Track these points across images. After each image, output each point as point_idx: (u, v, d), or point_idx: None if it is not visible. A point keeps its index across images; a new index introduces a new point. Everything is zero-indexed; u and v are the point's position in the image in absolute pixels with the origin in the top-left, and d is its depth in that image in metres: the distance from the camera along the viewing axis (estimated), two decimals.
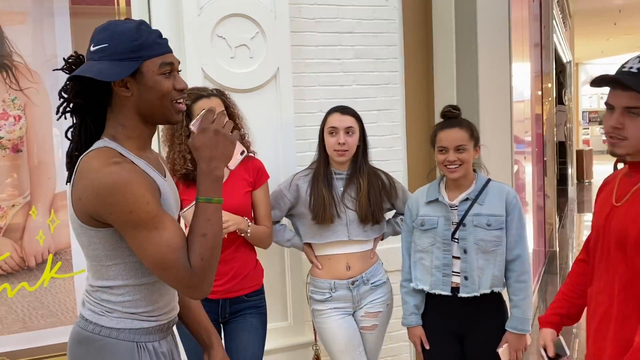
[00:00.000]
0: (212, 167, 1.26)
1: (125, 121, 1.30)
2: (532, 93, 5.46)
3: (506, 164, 2.83)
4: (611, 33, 12.49)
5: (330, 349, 2.27)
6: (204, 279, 1.23)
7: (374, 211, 2.23)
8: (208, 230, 1.23)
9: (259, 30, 2.45)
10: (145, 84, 1.26)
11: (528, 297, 2.06)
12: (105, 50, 1.23)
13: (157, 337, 1.36)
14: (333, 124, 2.21)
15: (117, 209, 1.19)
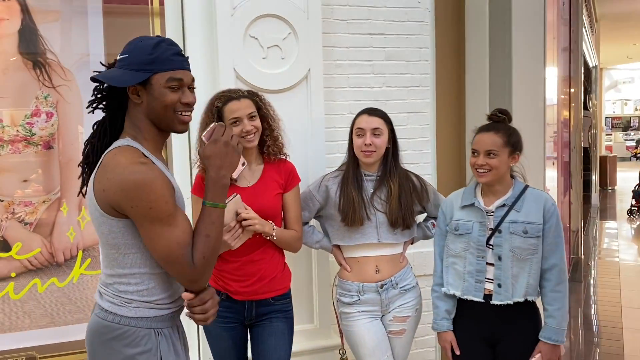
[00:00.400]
0: (220, 175, 1.42)
1: (140, 124, 1.45)
2: (559, 98, 5.38)
3: (538, 170, 2.78)
4: (637, 38, 12.29)
5: (357, 353, 2.25)
6: (204, 275, 1.39)
7: (404, 215, 2.21)
8: (212, 232, 1.39)
9: (291, 31, 2.44)
10: (152, 94, 1.41)
11: (564, 307, 2.02)
12: (125, 60, 1.41)
13: (170, 324, 1.48)
14: (360, 125, 2.20)
15: (139, 204, 1.32)
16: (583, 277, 6.11)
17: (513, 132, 2.05)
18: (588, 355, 4.09)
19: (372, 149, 2.17)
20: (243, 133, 2.04)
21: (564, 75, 5.78)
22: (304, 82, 2.48)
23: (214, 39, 2.35)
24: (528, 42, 2.80)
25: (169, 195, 1.36)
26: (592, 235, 8.31)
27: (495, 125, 2.04)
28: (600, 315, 4.98)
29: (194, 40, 2.38)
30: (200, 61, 2.37)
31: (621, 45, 13.45)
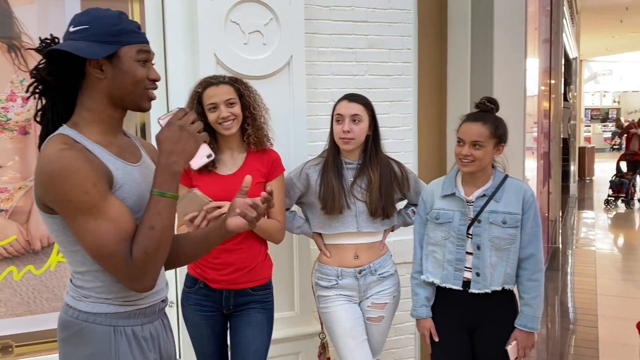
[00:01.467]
0: (170, 161, 1.27)
1: (92, 105, 1.31)
2: (540, 89, 5.43)
3: (518, 160, 2.81)
4: (617, 30, 12.43)
5: (333, 333, 2.25)
6: (145, 273, 1.23)
7: (385, 205, 2.21)
8: (157, 223, 1.24)
9: (273, 16, 2.41)
10: (120, 68, 1.28)
11: (539, 295, 2.05)
12: (86, 31, 1.25)
13: (138, 322, 1.36)
14: (339, 111, 2.18)
15: (57, 197, 1.20)
16: (560, 265, 6.22)
17: (500, 123, 2.05)
18: (564, 341, 4.17)
19: (350, 136, 2.15)
20: (220, 119, 2.02)
21: (544, 67, 5.83)
22: (286, 68, 2.46)
23: (194, 24, 2.31)
24: (509, 32, 2.82)
25: (91, 185, 1.19)
26: (570, 225, 8.46)
27: (483, 116, 2.04)
28: (577, 302, 5.08)
29: (174, 25, 2.34)
30: (180, 46, 2.34)
31: (601, 38, 13.60)
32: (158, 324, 1.42)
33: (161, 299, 1.43)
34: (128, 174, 1.33)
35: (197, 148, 1.31)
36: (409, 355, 3.02)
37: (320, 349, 2.39)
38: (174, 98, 2.31)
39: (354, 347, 2.20)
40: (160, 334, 1.42)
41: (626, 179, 9.62)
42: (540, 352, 3.96)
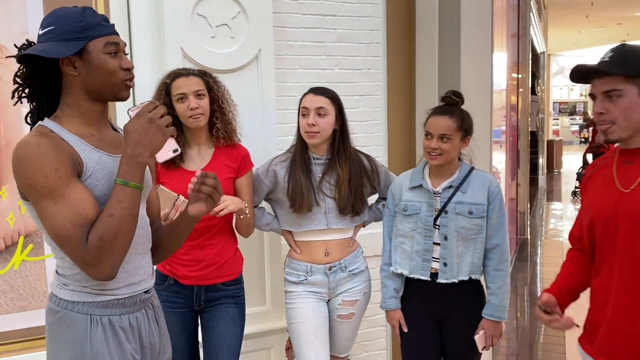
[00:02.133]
0: (136, 152, 1.30)
1: (71, 100, 1.36)
2: (508, 83, 5.52)
3: (485, 153, 2.85)
4: (583, 25, 12.70)
5: (297, 330, 2.21)
6: (103, 260, 1.26)
7: (354, 202, 2.19)
8: (116, 211, 1.27)
9: (240, 9, 2.39)
10: (92, 63, 1.33)
11: (505, 285, 2.09)
12: (52, 32, 1.30)
13: (117, 312, 1.38)
14: (304, 104, 2.16)
15: (23, 182, 1.25)
16: (529, 256, 6.35)
17: (466, 116, 2.08)
18: (533, 330, 4.26)
19: (315, 129, 2.12)
20: (188, 110, 2.00)
21: (512, 61, 5.92)
22: (255, 62, 2.44)
23: (160, 17, 2.28)
24: (476, 27, 2.85)
25: (51, 169, 1.23)
26: (538, 216, 8.63)
27: (450, 109, 2.06)
28: None
29: (140, 18, 2.30)
30: (146, 40, 2.30)
31: (568, 32, 13.87)
32: (140, 315, 1.44)
33: (143, 290, 1.45)
34: (102, 164, 1.36)
35: (164, 141, 1.33)
36: (380, 347, 3.04)
37: (288, 344, 2.39)
38: (141, 92, 2.28)
39: (317, 346, 2.18)
40: (142, 325, 1.44)
41: None
42: (511, 341, 4.04)
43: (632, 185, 1.49)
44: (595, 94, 1.52)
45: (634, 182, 1.49)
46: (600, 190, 1.58)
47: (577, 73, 1.55)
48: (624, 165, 1.54)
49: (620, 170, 1.54)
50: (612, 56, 1.49)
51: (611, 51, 1.50)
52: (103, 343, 1.35)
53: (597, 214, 1.57)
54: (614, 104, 1.48)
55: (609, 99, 1.49)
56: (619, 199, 1.51)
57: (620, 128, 1.49)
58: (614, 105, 1.48)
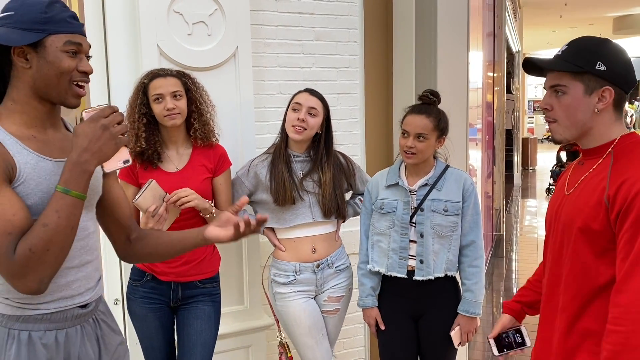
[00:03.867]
0: (82, 159, 1.20)
1: (16, 95, 1.27)
2: (484, 81, 5.59)
3: (461, 151, 2.89)
4: (557, 25, 12.90)
5: (292, 332, 2.27)
6: (28, 272, 1.15)
7: (339, 205, 2.24)
8: (52, 221, 1.16)
9: (217, 7, 2.38)
10: (45, 58, 1.23)
11: (480, 281, 2.12)
12: (10, 18, 1.22)
13: (41, 327, 1.27)
14: (298, 100, 2.20)
15: None
16: (505, 252, 6.44)
17: (443, 116, 2.10)
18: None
19: (304, 125, 2.16)
20: (165, 111, 2.00)
21: (488, 60, 5.99)
22: (232, 60, 2.43)
23: (135, 14, 2.25)
24: (452, 26, 2.88)
25: None
26: (514, 213, 8.76)
27: (427, 108, 2.08)
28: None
29: (115, 15, 2.27)
30: (121, 37, 2.27)
31: (542, 32, 14.08)
32: (72, 331, 1.32)
33: (77, 305, 1.33)
34: (40, 169, 1.25)
35: (115, 151, 1.23)
36: (359, 344, 3.06)
37: (281, 349, 2.39)
38: (116, 90, 2.25)
39: (313, 345, 2.23)
40: (72, 342, 1.32)
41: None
42: (487, 336, 4.10)
43: (572, 188, 1.42)
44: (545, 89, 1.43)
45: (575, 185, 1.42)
46: (555, 192, 1.53)
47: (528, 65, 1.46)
48: (578, 166, 1.47)
49: (573, 172, 1.47)
50: (564, 50, 1.39)
51: (567, 45, 1.40)
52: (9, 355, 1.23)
53: (546, 215, 1.54)
54: (558, 101, 1.38)
55: (555, 95, 1.39)
56: (560, 201, 1.45)
57: (562, 127, 1.40)
58: (558, 102, 1.38)
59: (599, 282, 1.34)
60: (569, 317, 1.40)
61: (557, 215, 1.46)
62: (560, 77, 1.38)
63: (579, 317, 1.38)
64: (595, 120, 1.37)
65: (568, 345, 1.40)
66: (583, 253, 1.36)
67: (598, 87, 1.34)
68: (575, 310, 1.38)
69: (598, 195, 1.32)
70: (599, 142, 1.39)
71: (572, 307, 1.39)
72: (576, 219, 1.36)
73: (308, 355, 2.25)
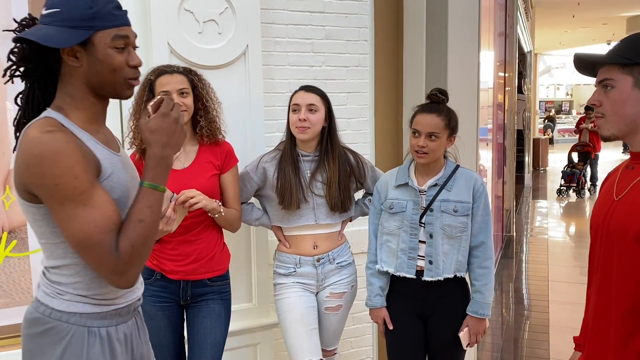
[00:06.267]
0: (165, 154, 1.24)
1: (73, 91, 1.25)
2: (495, 81, 5.55)
3: (471, 151, 2.87)
4: (569, 25, 12.82)
5: (283, 320, 2.23)
6: (131, 268, 1.19)
7: (343, 200, 2.23)
8: (147, 217, 1.19)
9: (228, 5, 2.38)
10: (95, 56, 1.21)
11: (490, 282, 2.10)
12: (57, 15, 1.18)
13: (114, 322, 1.30)
14: (296, 101, 2.20)
15: (44, 181, 1.14)
16: (515, 253, 6.40)
17: (453, 114, 2.09)
18: (518, 327, 4.31)
19: (306, 124, 2.16)
20: None
21: (499, 60, 5.96)
22: (242, 58, 2.43)
23: (147, 13, 2.26)
24: (464, 25, 2.86)
25: (81, 170, 1.15)
26: (524, 214, 8.71)
27: (436, 107, 2.07)
28: (530, 289, 5.25)
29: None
30: None
31: (554, 32, 13.99)
32: (132, 324, 1.36)
33: (137, 298, 1.38)
34: (115, 164, 1.28)
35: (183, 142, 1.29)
36: (367, 344, 3.06)
37: None
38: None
39: (302, 333, 2.19)
40: (133, 335, 1.36)
41: (577, 169, 9.97)
42: (496, 337, 4.08)
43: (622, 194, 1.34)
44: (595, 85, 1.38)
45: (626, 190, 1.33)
46: (601, 197, 1.44)
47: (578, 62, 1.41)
48: (627, 170, 1.38)
49: (622, 176, 1.38)
50: (616, 45, 1.34)
51: (620, 41, 1.35)
52: (100, 356, 1.25)
53: (592, 222, 1.44)
54: (606, 96, 1.33)
55: (603, 90, 1.34)
56: (609, 207, 1.37)
57: (609, 123, 1.34)
58: (606, 97, 1.33)
59: None
60: (623, 334, 1.29)
61: (606, 223, 1.36)
62: (609, 71, 1.32)
63: (635, 333, 1.28)
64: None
65: None
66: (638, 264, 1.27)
67: None
68: (630, 327, 1.28)
69: None
70: None
71: (627, 323, 1.29)
72: (630, 227, 1.28)
73: (295, 344, 2.18)
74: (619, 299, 1.31)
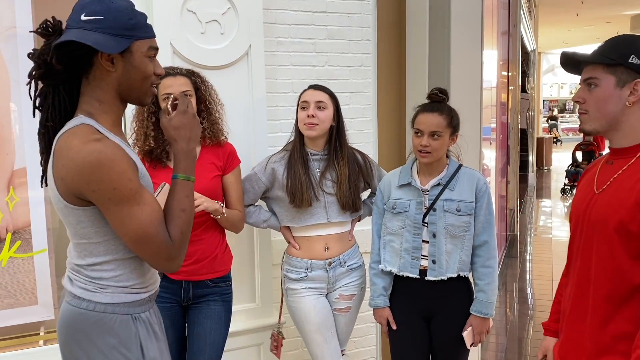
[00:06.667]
0: (191, 148, 1.38)
1: (102, 96, 1.32)
2: (498, 80, 5.54)
3: (474, 150, 2.86)
4: (573, 24, 12.77)
5: (302, 329, 2.27)
6: (181, 252, 1.33)
7: (354, 199, 2.24)
8: (187, 206, 1.34)
9: (230, 5, 2.38)
10: (131, 63, 1.30)
11: (493, 282, 2.10)
12: (100, 22, 1.25)
13: (147, 307, 1.41)
14: (305, 98, 2.21)
15: (101, 187, 1.22)
16: (519, 253, 6.39)
17: (454, 113, 2.09)
18: (522, 326, 4.30)
19: (315, 121, 2.16)
20: None
21: (503, 59, 5.94)
22: (245, 58, 2.43)
23: (150, 13, 2.26)
24: (466, 24, 2.85)
25: (132, 172, 1.27)
26: (528, 213, 8.69)
27: (438, 106, 2.07)
28: (535, 288, 5.23)
29: None
30: None
31: (558, 31, 13.95)
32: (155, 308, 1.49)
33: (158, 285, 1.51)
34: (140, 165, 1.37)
35: None
36: (371, 344, 3.06)
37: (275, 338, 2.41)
38: None
39: (322, 342, 2.23)
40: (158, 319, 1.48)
41: (581, 168, 9.94)
42: (500, 337, 4.07)
43: (603, 187, 1.42)
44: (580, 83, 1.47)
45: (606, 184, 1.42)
46: (580, 190, 1.53)
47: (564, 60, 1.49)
48: (606, 165, 1.47)
49: (602, 170, 1.47)
50: (601, 45, 1.43)
51: (605, 41, 1.44)
52: (147, 338, 1.37)
53: (572, 214, 1.52)
54: (590, 94, 1.41)
55: (588, 88, 1.42)
56: (590, 199, 1.45)
57: (592, 119, 1.42)
58: (590, 94, 1.41)
59: (634, 283, 1.33)
60: (600, 319, 1.37)
61: (587, 214, 1.44)
62: (594, 70, 1.40)
63: (611, 318, 1.36)
64: (627, 114, 1.39)
65: (600, 347, 1.38)
66: (618, 254, 1.35)
67: (630, 80, 1.37)
68: (607, 312, 1.37)
69: (636, 196, 1.32)
70: (631, 141, 1.41)
71: (604, 308, 1.37)
72: (610, 219, 1.35)
73: (317, 352, 2.25)
74: (597, 286, 1.39)
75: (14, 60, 2.24)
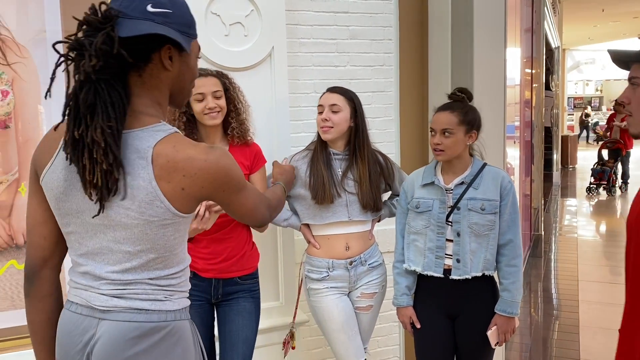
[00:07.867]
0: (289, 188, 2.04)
1: (161, 99, 1.22)
2: (522, 78, 5.48)
3: (498, 149, 2.84)
4: (598, 19, 12.55)
5: (325, 328, 2.29)
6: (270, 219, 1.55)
7: (375, 199, 2.25)
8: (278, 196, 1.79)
9: (253, 7, 2.41)
10: (188, 63, 1.22)
11: (518, 281, 2.08)
12: (169, 17, 1.14)
13: None
14: (320, 102, 2.23)
15: (232, 185, 1.26)
16: (543, 252, 6.31)
17: (469, 110, 2.08)
18: (547, 327, 4.25)
19: (329, 124, 2.18)
20: (206, 110, 2.05)
21: (526, 56, 5.87)
22: (268, 60, 2.46)
23: None
24: (489, 22, 2.83)
25: None
26: (553, 212, 8.57)
27: (452, 105, 2.07)
28: (559, 288, 5.17)
29: None
30: None
31: (583, 27, 13.71)
32: None
33: None
34: None
35: None
36: (394, 343, 3.06)
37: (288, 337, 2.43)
38: None
39: (345, 340, 2.25)
40: None
41: (608, 167, 9.76)
42: (524, 337, 4.04)
43: None
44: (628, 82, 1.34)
45: None
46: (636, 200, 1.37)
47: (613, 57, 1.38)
48: None
49: None
50: None
51: None
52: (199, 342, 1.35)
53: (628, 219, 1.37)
54: (634, 94, 1.30)
55: (632, 87, 1.31)
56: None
57: (635, 121, 1.31)
58: (634, 95, 1.30)
59: None
60: None
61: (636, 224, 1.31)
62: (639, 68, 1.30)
63: None
64: None
65: None
66: None
67: None
68: None
69: None
70: None
71: None
72: None
73: (340, 351, 2.27)
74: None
75: (44, 63, 2.30)
